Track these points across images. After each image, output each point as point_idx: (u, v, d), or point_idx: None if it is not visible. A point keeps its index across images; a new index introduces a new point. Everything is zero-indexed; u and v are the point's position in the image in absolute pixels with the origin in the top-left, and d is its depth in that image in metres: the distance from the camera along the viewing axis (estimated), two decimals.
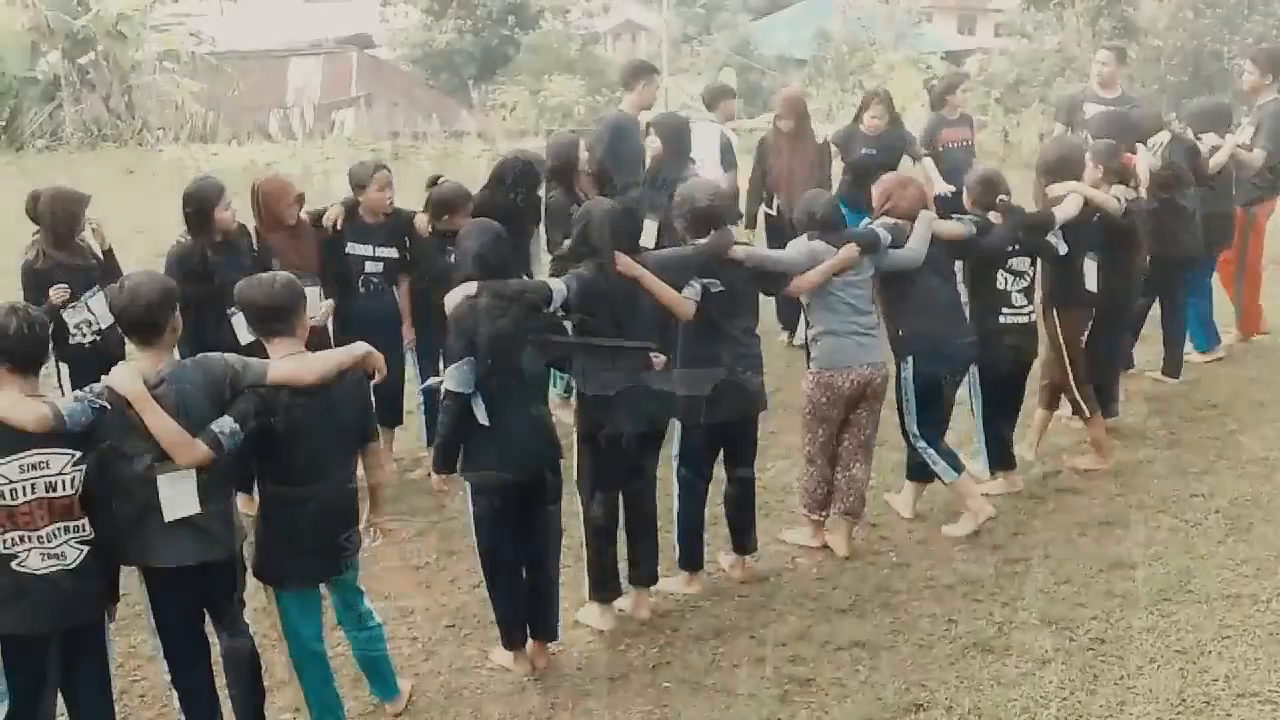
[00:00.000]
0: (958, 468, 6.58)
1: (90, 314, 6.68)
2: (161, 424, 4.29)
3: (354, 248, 7.01)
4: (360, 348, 4.81)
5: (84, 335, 6.70)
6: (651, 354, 5.49)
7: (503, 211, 6.97)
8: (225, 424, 4.37)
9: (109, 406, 4.25)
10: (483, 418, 5.11)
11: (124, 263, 6.79)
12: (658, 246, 7.10)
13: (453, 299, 5.15)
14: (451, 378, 5.08)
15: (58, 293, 6.52)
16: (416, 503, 6.95)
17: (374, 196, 7.04)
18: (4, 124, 18.81)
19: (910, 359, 6.45)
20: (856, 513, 6.50)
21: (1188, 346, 8.90)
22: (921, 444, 6.55)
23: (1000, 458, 7.08)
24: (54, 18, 20.65)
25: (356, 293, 7.03)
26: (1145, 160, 7.83)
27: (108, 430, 4.24)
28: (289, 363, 4.58)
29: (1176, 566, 6.22)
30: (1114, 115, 8.30)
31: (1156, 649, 5.52)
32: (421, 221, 7.14)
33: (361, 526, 4.91)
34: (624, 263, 5.47)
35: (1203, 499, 6.98)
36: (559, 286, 5.33)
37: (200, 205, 6.59)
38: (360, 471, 4.96)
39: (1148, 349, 8.75)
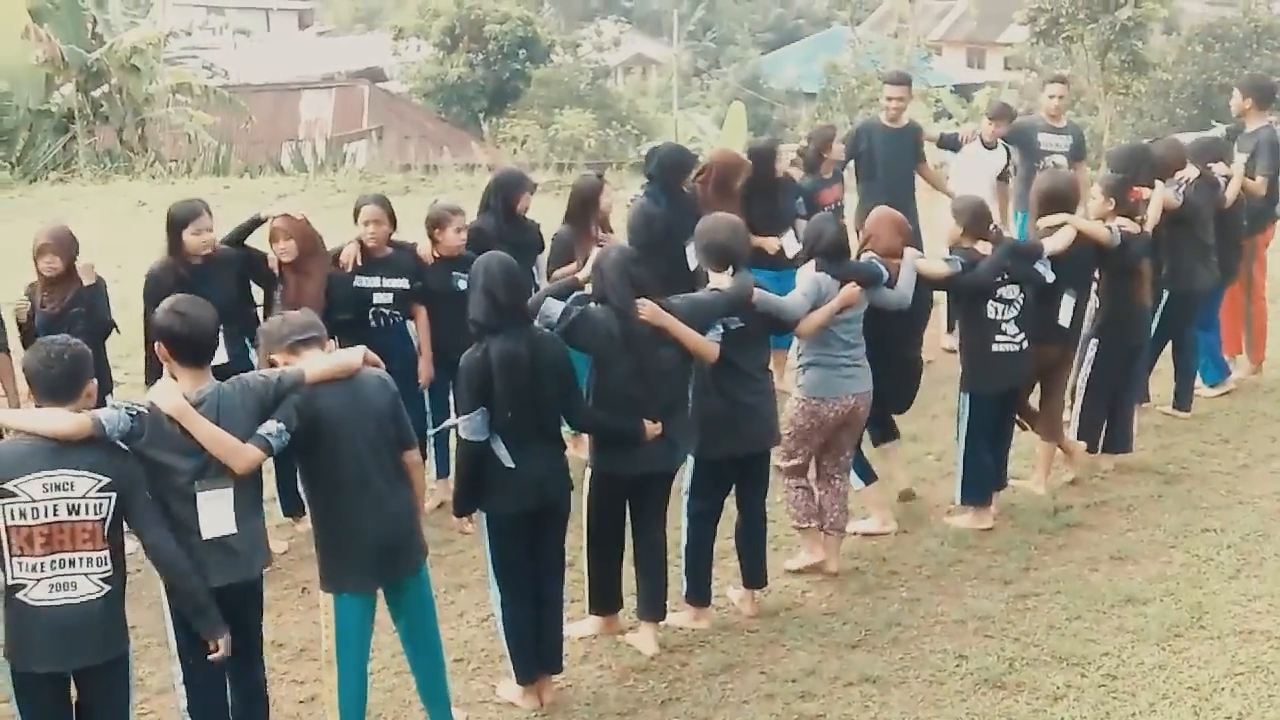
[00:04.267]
0: (866, 479, 6.91)
1: None
2: (210, 433, 4.38)
3: (362, 281, 7.02)
4: (359, 349, 4.94)
5: None
6: (649, 422, 5.51)
7: (494, 230, 7.25)
8: (271, 426, 4.49)
9: (146, 412, 4.31)
10: (507, 460, 5.16)
11: (135, 294, 6.79)
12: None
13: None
14: (465, 428, 5.12)
15: None
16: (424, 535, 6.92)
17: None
18: (18, 156, 18.91)
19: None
20: (842, 527, 6.56)
21: (1197, 380, 8.88)
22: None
23: (976, 490, 7.01)
24: (68, 51, 20.78)
25: (368, 326, 7.03)
26: (1159, 196, 7.83)
27: (150, 444, 4.31)
28: (319, 361, 4.71)
29: (1189, 602, 6.18)
30: (1136, 149, 8.33)
31: (1169, 686, 5.48)
32: (424, 249, 7.17)
33: None
34: (650, 311, 5.48)
35: (1215, 534, 6.94)
36: (556, 308, 5.39)
37: (170, 225, 6.63)
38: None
39: (1157, 383, 8.72)
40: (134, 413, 4.30)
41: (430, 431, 6.95)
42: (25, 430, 4.18)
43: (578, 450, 6.67)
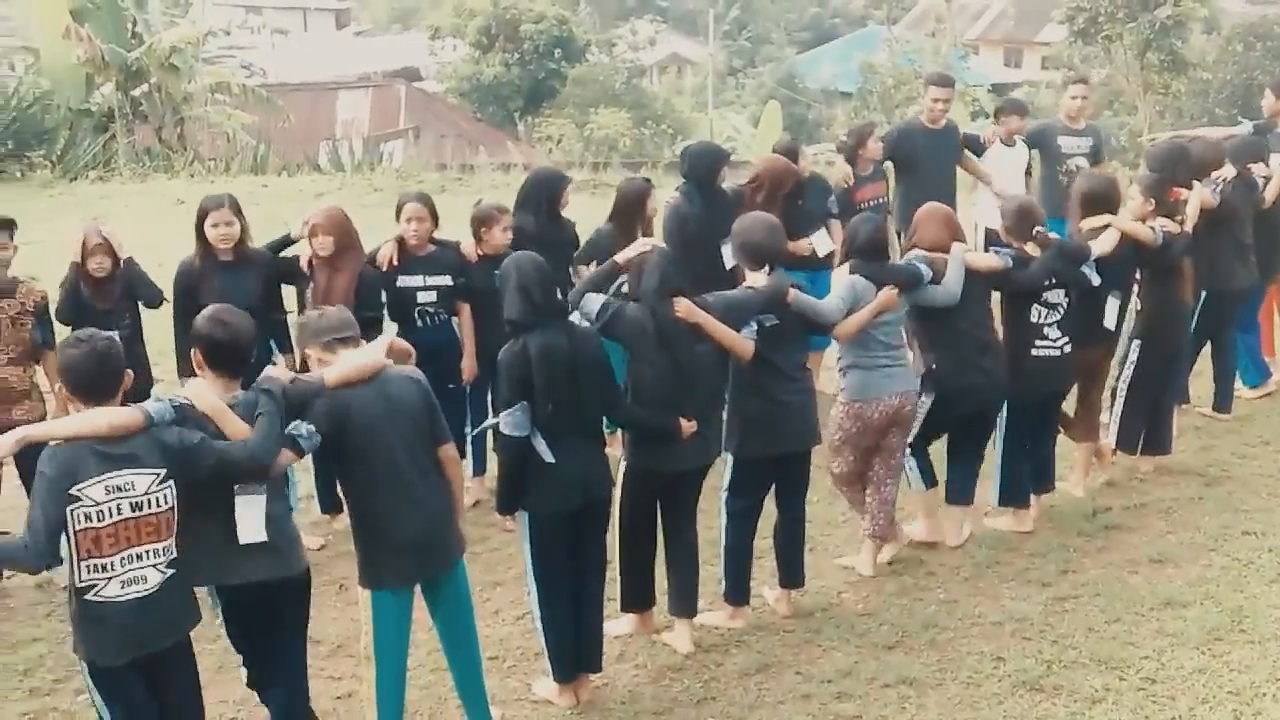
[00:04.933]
0: (928, 482, 6.74)
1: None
2: (244, 432, 4.41)
3: (405, 280, 7.05)
4: (384, 340, 5.01)
5: None
6: (684, 420, 5.52)
7: (533, 228, 7.26)
8: (301, 427, 4.54)
9: (186, 404, 4.34)
10: (547, 455, 5.18)
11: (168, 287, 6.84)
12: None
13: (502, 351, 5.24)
14: (506, 423, 5.14)
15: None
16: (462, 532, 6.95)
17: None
18: (59, 154, 19.09)
19: (933, 395, 6.52)
20: (884, 535, 6.53)
21: (1236, 381, 8.80)
22: (909, 455, 6.63)
23: (1014, 493, 6.97)
24: (109, 51, 20.97)
25: (414, 326, 7.05)
26: (1198, 196, 7.76)
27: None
28: (338, 366, 4.73)
29: (1229, 606, 6.12)
30: (1174, 149, 8.25)
31: (1209, 690, 5.44)
32: (468, 247, 7.20)
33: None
34: (685, 308, 5.49)
35: (1255, 537, 6.87)
36: (595, 302, 5.42)
37: (196, 219, 6.72)
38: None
39: (1198, 384, 8.65)
40: (176, 404, 4.33)
41: (470, 431, 6.97)
42: (84, 437, 4.16)
43: (614, 448, 6.68)
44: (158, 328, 6.96)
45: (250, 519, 4.49)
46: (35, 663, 5.87)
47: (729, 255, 7.33)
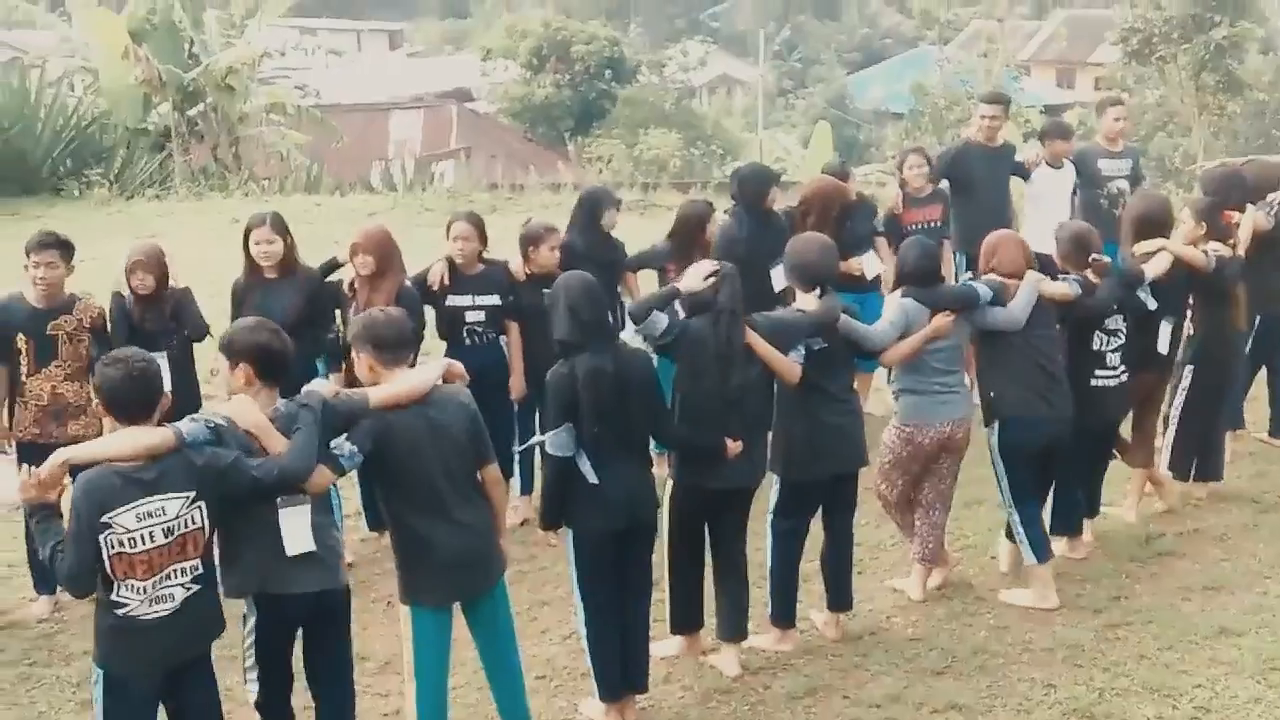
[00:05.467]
0: (1041, 555, 6.38)
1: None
2: (284, 449, 4.43)
3: (454, 299, 7.09)
4: (441, 363, 5.02)
5: None
6: (730, 440, 5.51)
7: (582, 247, 7.30)
8: (343, 446, 4.57)
9: (224, 425, 4.36)
10: (591, 476, 5.20)
11: (224, 306, 6.92)
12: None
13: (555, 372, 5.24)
14: (551, 443, 5.15)
15: None
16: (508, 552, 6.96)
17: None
18: (116, 173, 19.34)
19: (997, 425, 6.35)
20: (933, 560, 6.47)
21: None
22: (1015, 515, 6.40)
23: (1068, 521, 6.87)
24: (166, 71, 21.24)
25: (463, 345, 7.09)
26: (1250, 219, 7.67)
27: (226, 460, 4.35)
28: (385, 387, 4.75)
29: None
30: (1229, 173, 8.16)
31: None
32: (516, 266, 7.23)
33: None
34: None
35: None
36: (662, 320, 5.38)
37: (243, 236, 6.85)
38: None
39: (1252, 409, 8.53)
40: (212, 425, 4.35)
41: (516, 449, 6.99)
42: (113, 459, 4.19)
43: (660, 469, 6.68)
44: (210, 347, 7.02)
45: (296, 530, 4.52)
46: (87, 675, 5.89)
47: (778, 278, 7.35)
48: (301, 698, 4.90)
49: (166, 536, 4.22)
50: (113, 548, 4.14)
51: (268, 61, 25.33)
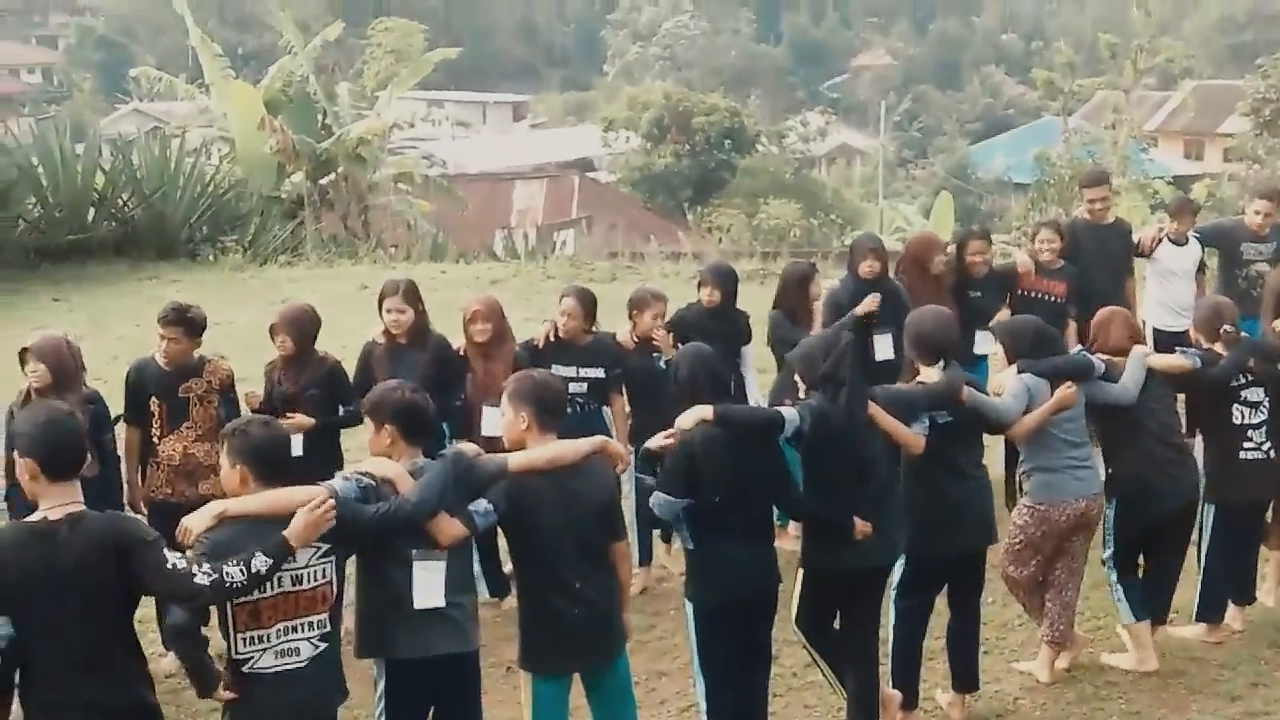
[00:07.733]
0: (1139, 614, 6.31)
1: None
2: None
3: (558, 369, 7.12)
4: (599, 439, 5.07)
5: None
6: (859, 519, 5.41)
7: (698, 319, 7.34)
8: (480, 504, 4.62)
9: (374, 485, 4.45)
10: (688, 542, 5.19)
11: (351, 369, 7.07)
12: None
13: (684, 421, 5.18)
14: (657, 501, 5.15)
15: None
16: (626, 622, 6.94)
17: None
18: (250, 239, 19.87)
19: (1116, 501, 6.25)
20: (1062, 641, 6.29)
21: None
22: (1114, 575, 6.34)
23: (1215, 607, 6.65)
24: (299, 141, 21.90)
25: (565, 414, 7.11)
26: None
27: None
28: (528, 453, 4.81)
29: None
30: None
31: None
32: (624, 335, 7.29)
33: None
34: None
35: None
36: (792, 415, 5.30)
37: (378, 301, 7.01)
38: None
39: None
40: (363, 484, 4.44)
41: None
42: (277, 513, 4.25)
43: (783, 542, 6.61)
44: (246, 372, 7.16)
45: (428, 584, 4.56)
46: None
47: (881, 347, 7.33)
48: None
49: (294, 585, 4.28)
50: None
51: (397, 132, 26.01)
